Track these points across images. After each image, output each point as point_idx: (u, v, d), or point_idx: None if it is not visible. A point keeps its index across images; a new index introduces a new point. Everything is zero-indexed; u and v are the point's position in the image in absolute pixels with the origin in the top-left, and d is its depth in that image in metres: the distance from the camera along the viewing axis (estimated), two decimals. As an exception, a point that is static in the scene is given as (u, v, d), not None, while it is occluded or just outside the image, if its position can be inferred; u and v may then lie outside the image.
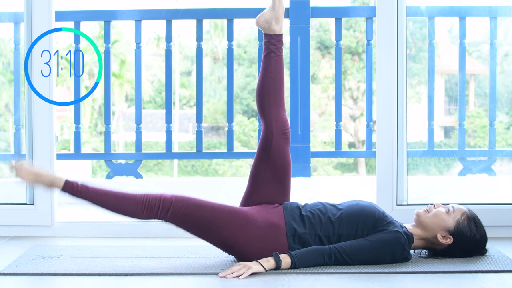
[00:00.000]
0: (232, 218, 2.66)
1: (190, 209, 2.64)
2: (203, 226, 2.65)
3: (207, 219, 2.64)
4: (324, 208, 2.75)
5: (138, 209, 2.64)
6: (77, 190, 2.68)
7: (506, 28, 5.78)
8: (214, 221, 2.64)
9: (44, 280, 2.55)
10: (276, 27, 2.87)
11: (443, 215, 2.74)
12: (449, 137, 18.04)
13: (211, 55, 22.94)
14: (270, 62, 2.85)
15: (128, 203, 2.65)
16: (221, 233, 2.66)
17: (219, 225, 2.65)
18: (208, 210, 2.65)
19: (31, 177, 2.68)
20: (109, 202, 2.67)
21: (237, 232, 2.65)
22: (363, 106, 20.05)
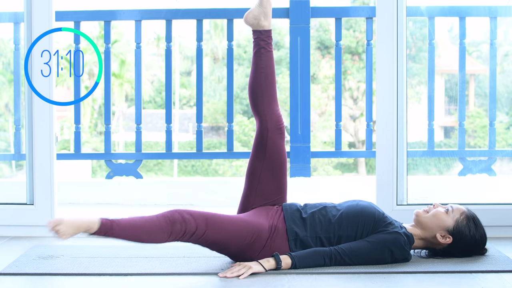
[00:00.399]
0: (248, 229, 2.66)
1: (213, 230, 2.62)
2: (223, 243, 2.65)
3: (227, 236, 2.63)
4: (324, 209, 2.75)
5: (164, 238, 2.60)
6: (111, 230, 2.54)
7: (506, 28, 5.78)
8: (234, 237, 2.64)
9: (44, 280, 2.55)
10: (265, 22, 2.89)
11: (442, 215, 2.74)
12: (449, 137, 18.04)
13: (211, 55, 22.94)
14: (260, 58, 2.86)
15: (155, 235, 2.58)
16: (239, 245, 2.66)
17: (238, 239, 2.64)
18: (228, 227, 2.64)
19: (71, 231, 2.54)
20: (140, 237, 2.58)
21: (252, 242, 2.65)
22: (363, 106, 20.05)
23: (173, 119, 4.28)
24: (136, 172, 4.25)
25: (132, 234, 2.56)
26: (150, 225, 2.59)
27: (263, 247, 2.65)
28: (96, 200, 4.56)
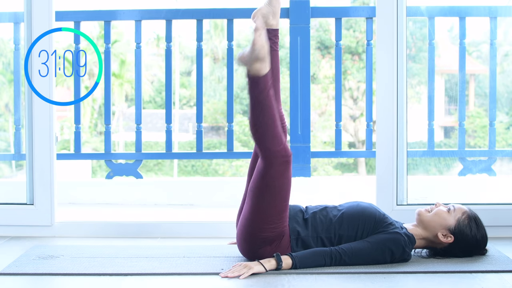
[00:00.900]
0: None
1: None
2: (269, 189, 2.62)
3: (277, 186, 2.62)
4: (325, 209, 2.76)
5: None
6: None
7: (506, 28, 5.78)
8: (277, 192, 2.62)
9: (44, 280, 2.55)
10: (273, 21, 2.88)
11: (444, 214, 2.75)
12: (449, 137, 18.04)
13: (211, 55, 22.94)
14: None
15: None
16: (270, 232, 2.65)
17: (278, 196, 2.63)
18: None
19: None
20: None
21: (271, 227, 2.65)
22: (363, 106, 20.05)
23: (173, 119, 4.28)
24: (136, 172, 4.25)
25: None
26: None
27: (276, 238, 2.64)
28: (96, 200, 4.56)
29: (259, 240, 2.64)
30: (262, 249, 2.65)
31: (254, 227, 2.64)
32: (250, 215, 2.65)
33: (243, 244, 2.70)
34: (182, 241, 3.25)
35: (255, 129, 2.60)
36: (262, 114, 2.58)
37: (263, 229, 2.63)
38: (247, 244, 2.68)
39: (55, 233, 3.39)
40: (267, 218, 2.63)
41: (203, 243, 3.15)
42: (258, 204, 2.63)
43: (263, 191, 2.62)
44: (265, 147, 2.60)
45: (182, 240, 3.28)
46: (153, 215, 4.13)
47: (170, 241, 3.26)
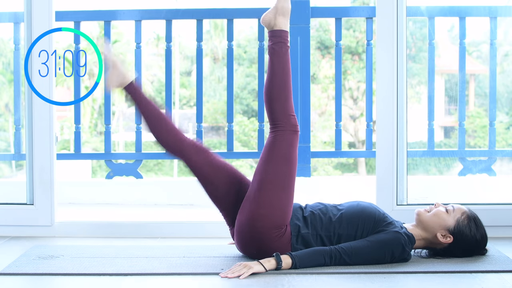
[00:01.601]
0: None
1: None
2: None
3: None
4: (325, 208, 2.76)
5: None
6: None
7: (506, 28, 5.78)
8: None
9: (44, 280, 2.55)
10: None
11: (443, 214, 2.75)
12: (449, 137, 18.03)
13: (211, 55, 22.93)
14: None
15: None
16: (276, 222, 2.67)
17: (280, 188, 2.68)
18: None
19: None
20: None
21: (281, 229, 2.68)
22: (363, 106, 20.04)
23: (173, 119, 4.28)
24: (136, 172, 4.25)
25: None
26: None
27: (273, 239, 2.65)
28: (96, 200, 4.56)
29: (260, 222, 2.64)
30: (263, 235, 2.64)
31: (260, 204, 2.66)
32: (255, 192, 2.68)
33: (244, 231, 2.69)
34: (182, 241, 3.25)
35: (269, 92, 2.74)
36: (280, 72, 2.72)
37: (268, 205, 2.65)
38: (248, 230, 2.67)
39: (55, 233, 3.40)
40: (273, 190, 2.66)
41: (203, 243, 3.15)
42: (266, 176, 2.68)
43: (270, 161, 2.68)
44: (275, 113, 2.73)
45: (182, 240, 3.28)
46: (153, 215, 4.13)
47: (170, 241, 3.26)
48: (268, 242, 2.66)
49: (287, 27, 2.81)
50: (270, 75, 2.77)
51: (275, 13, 2.81)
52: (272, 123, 2.75)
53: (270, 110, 2.76)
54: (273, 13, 2.81)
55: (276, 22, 2.81)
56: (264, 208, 2.66)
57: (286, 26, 2.80)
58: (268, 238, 2.66)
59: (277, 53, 2.77)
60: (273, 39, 2.80)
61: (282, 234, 2.67)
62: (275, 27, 2.81)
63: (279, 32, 2.80)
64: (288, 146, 2.72)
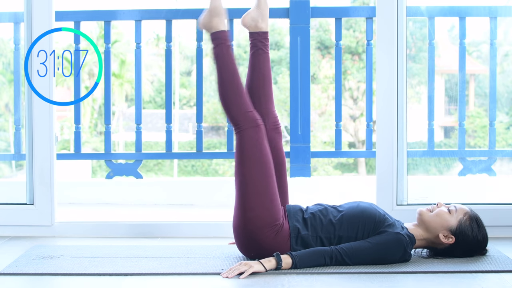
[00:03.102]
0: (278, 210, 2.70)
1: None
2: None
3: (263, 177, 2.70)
4: (325, 210, 2.76)
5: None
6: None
7: (506, 28, 5.78)
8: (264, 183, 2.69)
9: (44, 280, 2.55)
10: (262, 24, 2.90)
11: (445, 215, 2.74)
12: (449, 137, 18.04)
13: (211, 55, 22.91)
14: (258, 59, 2.88)
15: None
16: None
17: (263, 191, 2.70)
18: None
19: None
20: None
21: (270, 226, 2.68)
22: (363, 106, 20.04)
23: (173, 119, 4.28)
24: (136, 172, 4.25)
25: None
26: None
27: (269, 239, 2.65)
28: (96, 200, 4.56)
29: (252, 224, 2.65)
30: (258, 236, 2.65)
31: (245, 207, 2.68)
32: (239, 197, 2.71)
33: (239, 234, 2.71)
34: (182, 241, 3.25)
35: (222, 97, 2.76)
36: (227, 74, 2.74)
37: (253, 208, 2.66)
38: (242, 231, 2.69)
39: (55, 233, 3.39)
40: (254, 191, 2.67)
41: (203, 243, 3.15)
42: (243, 178, 2.70)
43: (243, 163, 2.70)
44: (232, 115, 2.74)
45: (182, 240, 3.28)
46: (153, 215, 4.13)
47: (170, 241, 3.26)
48: (265, 241, 2.66)
49: (225, 26, 2.83)
50: (219, 80, 2.79)
51: (210, 16, 2.84)
52: (234, 124, 2.77)
53: (229, 114, 2.78)
54: (208, 16, 2.84)
55: (212, 25, 2.84)
56: (249, 211, 2.68)
57: (224, 26, 2.83)
58: (263, 238, 2.66)
59: (219, 55, 2.81)
60: (214, 42, 2.84)
61: (278, 231, 2.67)
62: (213, 30, 2.83)
63: (218, 34, 2.83)
64: (255, 143, 2.73)
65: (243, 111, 2.75)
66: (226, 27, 2.81)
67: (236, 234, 2.73)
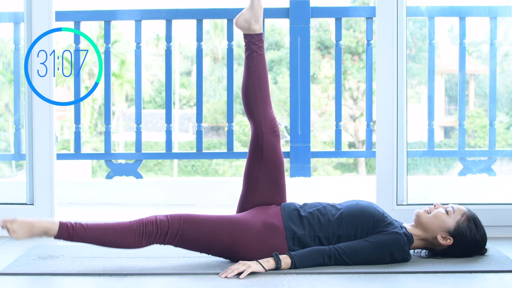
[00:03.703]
0: (231, 226, 2.65)
1: (188, 228, 2.63)
2: (203, 242, 2.64)
3: (206, 234, 2.63)
4: (323, 208, 2.75)
5: (137, 240, 2.61)
6: (73, 232, 2.56)
7: (506, 28, 5.78)
8: (214, 235, 2.63)
9: (44, 280, 2.55)
10: (256, 26, 2.88)
11: (443, 216, 2.74)
12: (449, 137, 18.03)
13: (211, 55, 22.94)
14: (253, 61, 2.86)
15: (126, 236, 2.59)
16: (223, 244, 2.64)
17: (219, 237, 2.64)
18: (206, 225, 2.64)
19: (24, 231, 2.55)
20: (107, 239, 2.59)
21: (238, 239, 2.65)
22: (363, 106, 20.04)
23: (173, 119, 4.28)
24: (136, 172, 4.25)
25: (99, 236, 2.58)
26: (121, 227, 2.60)
27: (257, 244, 2.64)
28: (96, 200, 4.56)
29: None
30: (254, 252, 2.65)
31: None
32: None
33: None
34: (182, 241, 3.24)
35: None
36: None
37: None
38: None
39: (55, 233, 3.39)
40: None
41: (203, 243, 3.14)
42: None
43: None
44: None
45: (182, 240, 3.28)
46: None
47: (170, 241, 3.25)
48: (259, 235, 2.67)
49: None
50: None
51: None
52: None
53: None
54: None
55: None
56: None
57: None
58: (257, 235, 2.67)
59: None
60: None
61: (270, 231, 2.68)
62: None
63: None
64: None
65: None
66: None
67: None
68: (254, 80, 2.84)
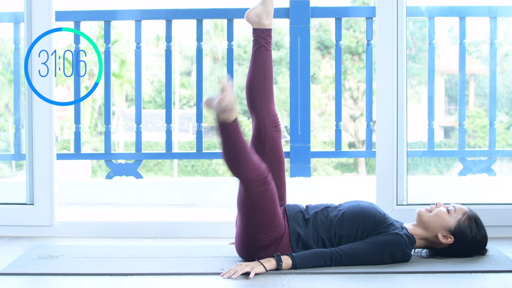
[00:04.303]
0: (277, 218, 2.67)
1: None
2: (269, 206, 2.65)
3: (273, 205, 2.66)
4: (325, 209, 2.76)
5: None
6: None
7: (506, 28, 5.78)
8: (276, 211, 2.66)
9: (44, 280, 2.55)
10: (266, 21, 2.90)
11: (444, 215, 2.74)
12: (449, 137, 18.04)
13: (211, 55, 22.94)
14: (260, 56, 2.87)
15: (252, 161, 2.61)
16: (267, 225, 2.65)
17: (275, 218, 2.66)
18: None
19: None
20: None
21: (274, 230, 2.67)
22: (363, 106, 20.04)
23: (173, 119, 4.28)
24: (136, 172, 4.25)
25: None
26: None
27: (272, 243, 2.65)
28: (96, 200, 4.56)
29: (255, 247, 2.65)
30: (260, 254, 2.65)
31: (249, 239, 2.66)
32: (242, 230, 2.68)
33: (241, 250, 2.72)
34: (182, 241, 3.25)
35: (228, 163, 2.63)
36: (232, 151, 2.60)
37: (258, 239, 2.65)
38: (245, 250, 2.69)
39: (55, 233, 3.40)
40: (259, 231, 2.64)
41: (203, 243, 3.15)
42: (247, 222, 2.65)
43: (248, 211, 2.64)
44: (240, 176, 2.63)
45: (182, 240, 3.28)
46: (153, 215, 4.13)
47: (170, 241, 3.26)
48: (269, 254, 2.66)
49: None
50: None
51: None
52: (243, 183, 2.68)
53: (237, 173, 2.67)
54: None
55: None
56: (256, 241, 2.66)
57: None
58: (266, 254, 2.66)
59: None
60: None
61: (279, 242, 2.67)
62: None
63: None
64: (261, 196, 2.66)
65: (251, 172, 2.62)
66: (236, 115, 2.65)
67: (238, 251, 2.75)
68: (260, 75, 2.86)
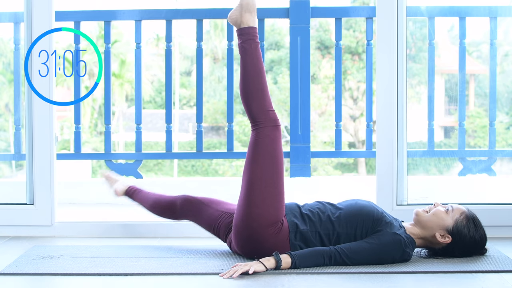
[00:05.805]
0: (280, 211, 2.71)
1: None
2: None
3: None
4: (323, 207, 2.77)
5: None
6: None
7: (506, 28, 5.78)
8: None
9: (44, 280, 2.55)
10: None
11: (442, 214, 2.75)
12: (449, 137, 18.04)
13: (211, 55, 22.94)
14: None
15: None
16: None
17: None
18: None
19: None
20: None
21: (271, 227, 2.69)
22: (363, 106, 20.05)
23: (173, 119, 4.29)
24: (136, 172, 4.25)
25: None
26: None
27: (273, 223, 2.67)
28: (96, 200, 4.56)
29: (255, 222, 2.65)
30: (258, 235, 2.65)
31: (251, 204, 2.67)
32: (245, 193, 2.70)
33: (239, 231, 2.70)
34: (182, 241, 3.25)
35: (244, 92, 2.73)
36: (253, 69, 2.70)
37: (258, 205, 2.66)
38: (244, 230, 2.69)
39: (55, 233, 3.40)
40: (262, 189, 2.67)
41: (203, 243, 3.15)
42: (253, 175, 2.68)
43: (255, 160, 2.69)
44: (253, 112, 2.73)
45: (182, 240, 3.28)
46: (153, 215, 4.12)
47: (170, 241, 3.26)
48: (267, 240, 2.66)
49: (255, 23, 2.83)
50: (243, 74, 2.79)
51: (241, 11, 2.83)
52: (253, 121, 2.78)
53: (248, 109, 2.78)
54: (239, 11, 2.84)
55: (242, 20, 2.82)
56: (256, 207, 2.67)
57: (253, 23, 2.82)
58: (265, 236, 2.66)
59: (247, 51, 2.79)
60: (242, 37, 2.81)
61: (278, 231, 2.67)
62: (242, 25, 2.82)
63: (247, 30, 2.82)
64: (271, 141, 2.73)
65: (265, 109, 2.76)
66: (256, 24, 2.82)
67: (237, 231, 2.72)
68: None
